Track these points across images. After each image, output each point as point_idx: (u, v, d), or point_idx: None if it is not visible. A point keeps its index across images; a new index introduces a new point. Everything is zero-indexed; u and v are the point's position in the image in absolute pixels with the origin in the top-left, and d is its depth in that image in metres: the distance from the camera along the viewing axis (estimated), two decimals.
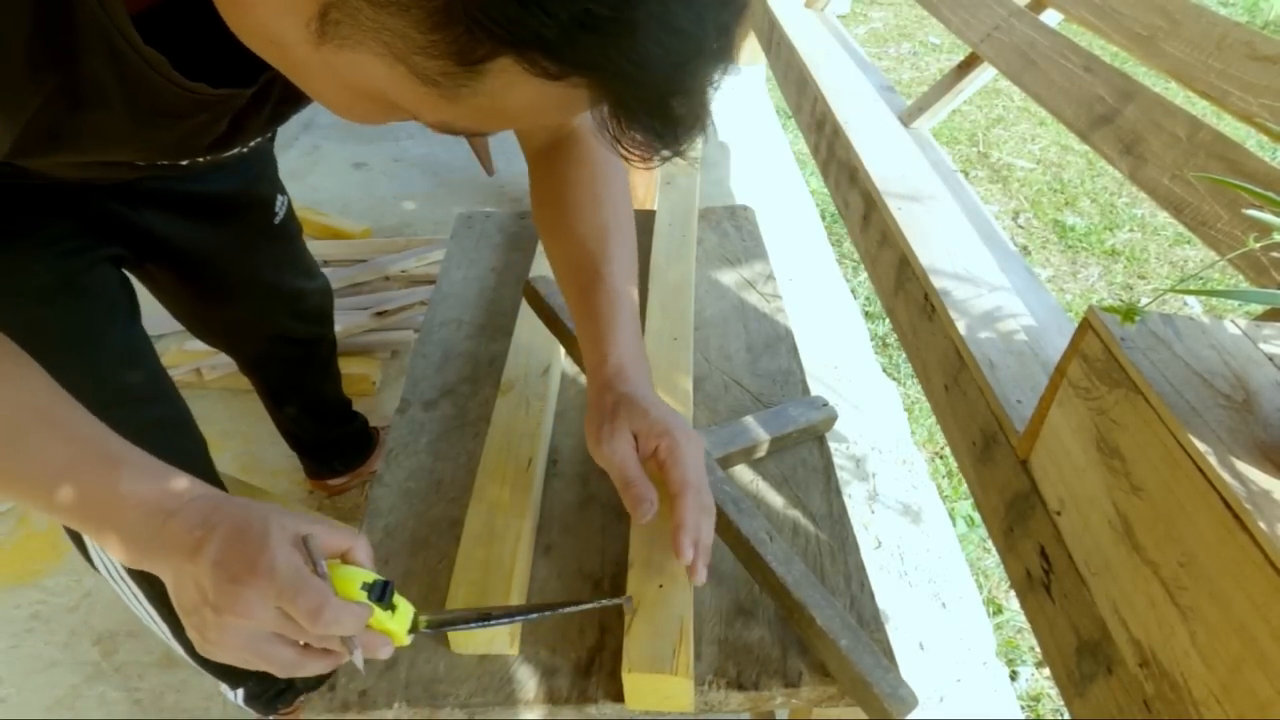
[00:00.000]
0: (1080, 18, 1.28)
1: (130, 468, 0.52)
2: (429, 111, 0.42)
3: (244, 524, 0.50)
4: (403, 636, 0.54)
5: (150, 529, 0.50)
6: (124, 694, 1.27)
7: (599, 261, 0.71)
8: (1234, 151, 0.93)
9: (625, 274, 0.72)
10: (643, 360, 0.70)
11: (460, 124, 0.44)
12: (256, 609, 0.47)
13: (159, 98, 0.54)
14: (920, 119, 1.67)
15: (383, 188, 2.64)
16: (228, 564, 0.48)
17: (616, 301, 0.70)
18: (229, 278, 1.06)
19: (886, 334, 2.18)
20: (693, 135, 0.44)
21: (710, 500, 0.63)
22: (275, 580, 0.47)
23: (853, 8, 4.69)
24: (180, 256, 0.98)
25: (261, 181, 1.04)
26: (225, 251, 1.02)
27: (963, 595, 1.47)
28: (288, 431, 1.48)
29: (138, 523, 0.50)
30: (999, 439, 0.90)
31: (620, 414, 0.63)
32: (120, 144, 0.59)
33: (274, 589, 0.47)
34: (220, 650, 0.49)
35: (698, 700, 0.63)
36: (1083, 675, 0.71)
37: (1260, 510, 0.50)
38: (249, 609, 0.47)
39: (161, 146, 0.62)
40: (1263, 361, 0.63)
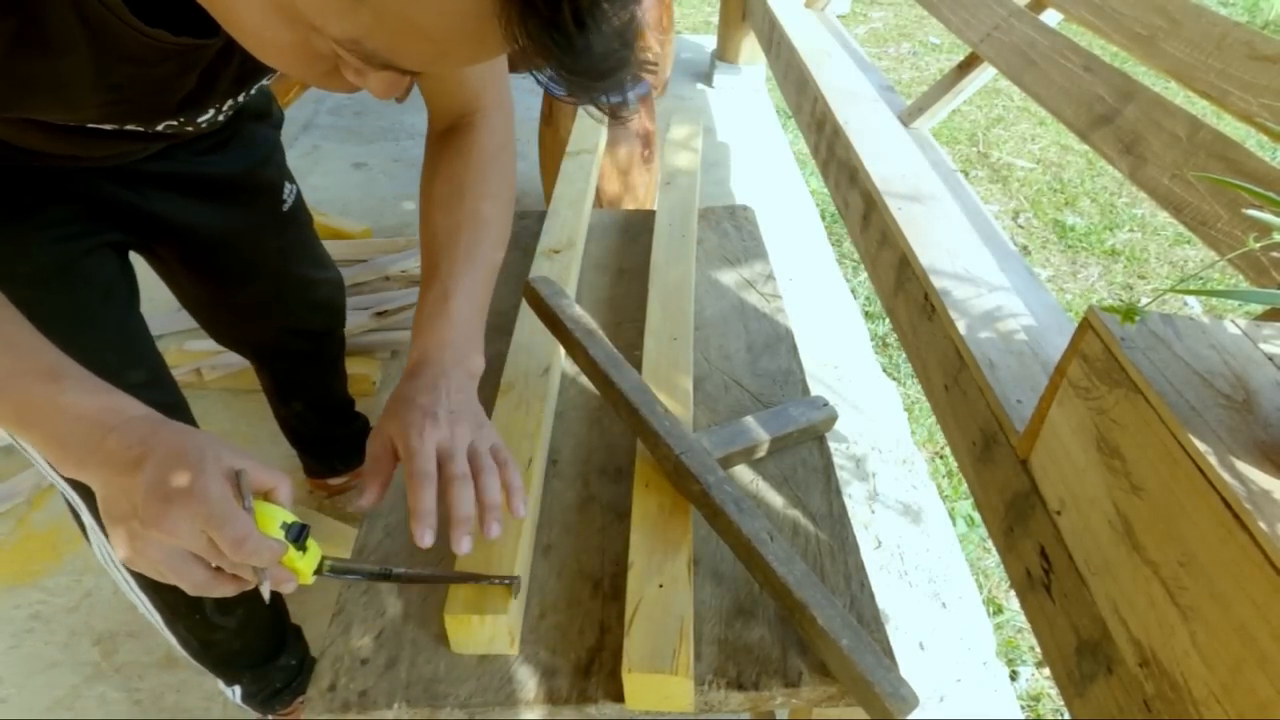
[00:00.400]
0: (1080, 18, 1.28)
1: (72, 381, 0.54)
2: (335, 21, 0.42)
3: (181, 448, 0.52)
4: (308, 576, 0.58)
5: (89, 442, 0.52)
6: (124, 694, 1.27)
7: (439, 259, 0.72)
8: (1234, 151, 0.93)
9: (466, 272, 0.72)
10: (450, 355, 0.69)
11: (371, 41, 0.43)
12: (182, 529, 0.50)
13: (120, 42, 0.54)
14: (920, 119, 1.67)
15: (383, 188, 2.64)
16: (161, 483, 0.50)
17: (443, 302, 0.70)
18: (237, 262, 1.05)
19: (886, 334, 2.18)
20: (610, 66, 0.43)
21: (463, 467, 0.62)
22: (206, 505, 0.50)
23: (853, 8, 4.70)
24: (187, 240, 0.98)
25: (268, 166, 1.04)
26: (233, 235, 1.01)
27: (963, 595, 1.47)
28: (290, 428, 1.47)
29: (77, 434, 0.52)
30: (999, 439, 0.90)
31: (388, 414, 0.66)
32: (91, 95, 0.59)
33: (203, 513, 0.50)
34: (141, 561, 0.52)
35: (698, 700, 0.63)
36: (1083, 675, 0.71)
37: (1260, 510, 0.50)
38: (175, 528, 0.50)
39: (132, 103, 0.62)
40: (1263, 361, 0.63)
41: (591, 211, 1.22)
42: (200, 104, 0.69)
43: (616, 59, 0.43)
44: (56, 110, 0.62)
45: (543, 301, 0.90)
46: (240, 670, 1.14)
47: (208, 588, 0.54)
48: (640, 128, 2.08)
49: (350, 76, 0.48)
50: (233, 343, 1.26)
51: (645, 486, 0.76)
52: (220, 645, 1.09)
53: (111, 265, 0.87)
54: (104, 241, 0.86)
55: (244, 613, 1.08)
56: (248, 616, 1.09)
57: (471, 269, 0.72)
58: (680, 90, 3.41)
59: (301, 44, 0.45)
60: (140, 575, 0.95)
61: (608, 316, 1.04)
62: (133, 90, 0.61)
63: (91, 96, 0.60)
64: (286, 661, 1.18)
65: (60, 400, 0.53)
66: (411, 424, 0.63)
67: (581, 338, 0.85)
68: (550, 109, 2.11)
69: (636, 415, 0.78)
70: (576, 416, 0.90)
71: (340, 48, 0.44)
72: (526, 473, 0.76)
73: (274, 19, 0.44)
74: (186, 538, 0.50)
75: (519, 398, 0.85)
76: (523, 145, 2.93)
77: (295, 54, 0.46)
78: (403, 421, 0.63)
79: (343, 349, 1.39)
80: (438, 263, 0.72)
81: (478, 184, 0.75)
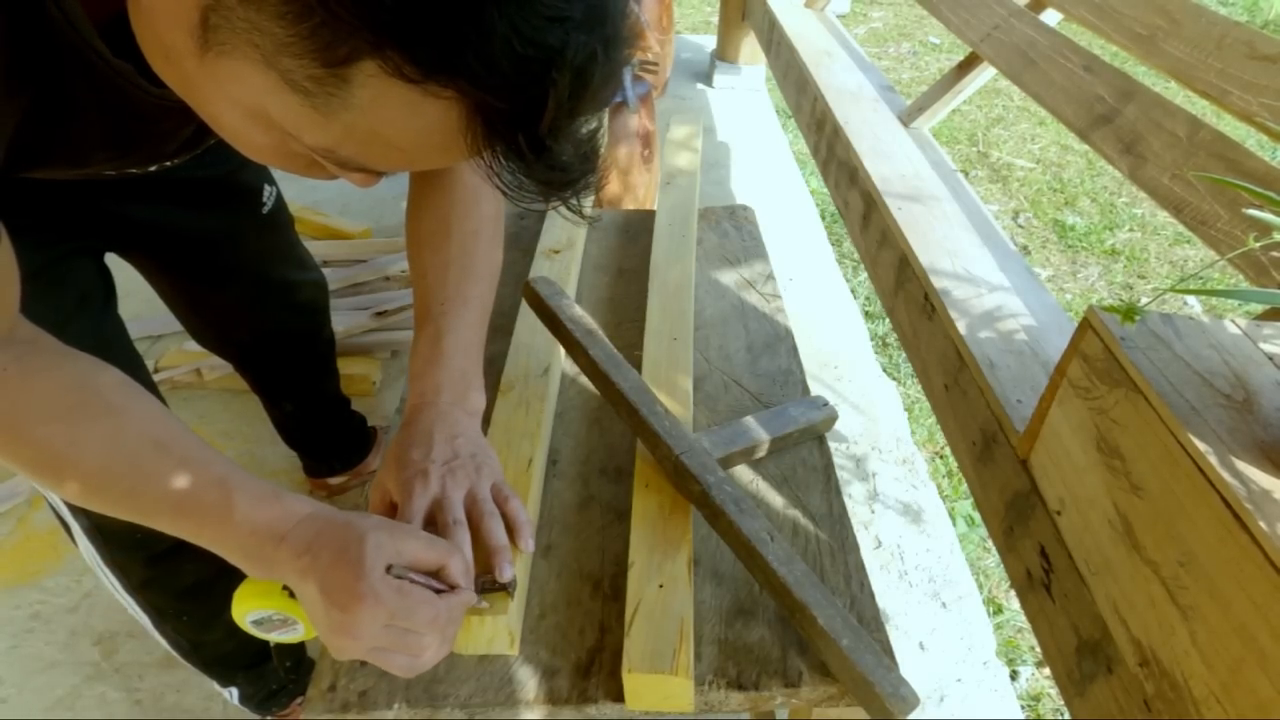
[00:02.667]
0: (1080, 17, 1.28)
1: (242, 493, 0.55)
2: (309, 132, 0.43)
3: (342, 546, 0.54)
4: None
5: (264, 553, 0.55)
6: (124, 694, 1.27)
7: (432, 300, 0.72)
8: (1234, 151, 0.93)
9: (458, 310, 0.72)
10: (449, 396, 0.70)
11: (343, 150, 0.44)
12: (365, 631, 0.52)
13: (131, 105, 0.56)
14: (920, 119, 1.67)
15: (383, 188, 2.61)
16: (332, 593, 0.52)
17: (436, 343, 0.71)
18: (217, 265, 1.05)
19: (886, 334, 2.18)
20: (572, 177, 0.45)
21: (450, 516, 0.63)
22: (381, 605, 0.52)
23: (853, 8, 4.70)
24: (166, 245, 0.98)
25: (245, 169, 1.03)
26: (211, 238, 1.01)
27: (963, 595, 1.47)
28: (284, 428, 1.47)
29: (253, 547, 0.55)
30: (999, 439, 0.90)
31: (387, 464, 0.67)
32: (99, 153, 0.60)
33: (383, 612, 0.52)
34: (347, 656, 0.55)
35: (698, 700, 0.63)
36: (1083, 675, 0.71)
37: (1260, 510, 0.50)
38: (359, 632, 0.52)
39: (136, 154, 0.64)
40: (1263, 361, 0.63)
41: (591, 211, 1.22)
42: (196, 146, 0.70)
43: (577, 171, 0.44)
44: (65, 169, 0.62)
45: (543, 301, 0.90)
46: (234, 671, 1.14)
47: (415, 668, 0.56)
48: (640, 128, 2.08)
49: (330, 170, 0.50)
50: (216, 345, 1.25)
51: (645, 486, 0.76)
52: (212, 646, 1.08)
53: (87, 269, 0.87)
54: (80, 246, 0.85)
55: None
56: None
57: (462, 307, 0.72)
58: (680, 90, 3.41)
59: (279, 145, 0.47)
60: (126, 580, 0.96)
61: (608, 316, 1.04)
62: (138, 144, 0.63)
63: (99, 154, 0.61)
64: (281, 662, 1.18)
65: (235, 516, 0.55)
66: (403, 483, 0.64)
67: (581, 338, 0.85)
68: None
69: (636, 415, 0.78)
70: (576, 416, 0.90)
71: (315, 154, 0.46)
72: (526, 473, 0.76)
73: (251, 123, 0.45)
74: (373, 638, 0.53)
75: (519, 398, 0.85)
76: None
77: (274, 153, 0.48)
78: (396, 480, 0.65)
79: (332, 348, 1.38)
80: (429, 303, 0.72)
81: (464, 220, 0.75)
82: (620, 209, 1.38)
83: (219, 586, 1.05)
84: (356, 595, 0.52)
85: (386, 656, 0.55)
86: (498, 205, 0.78)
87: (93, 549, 0.93)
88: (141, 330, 1.89)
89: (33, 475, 0.55)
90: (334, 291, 1.99)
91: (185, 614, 1.03)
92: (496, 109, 0.40)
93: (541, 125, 0.40)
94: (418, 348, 0.72)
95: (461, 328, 0.72)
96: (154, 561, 0.95)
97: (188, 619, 1.03)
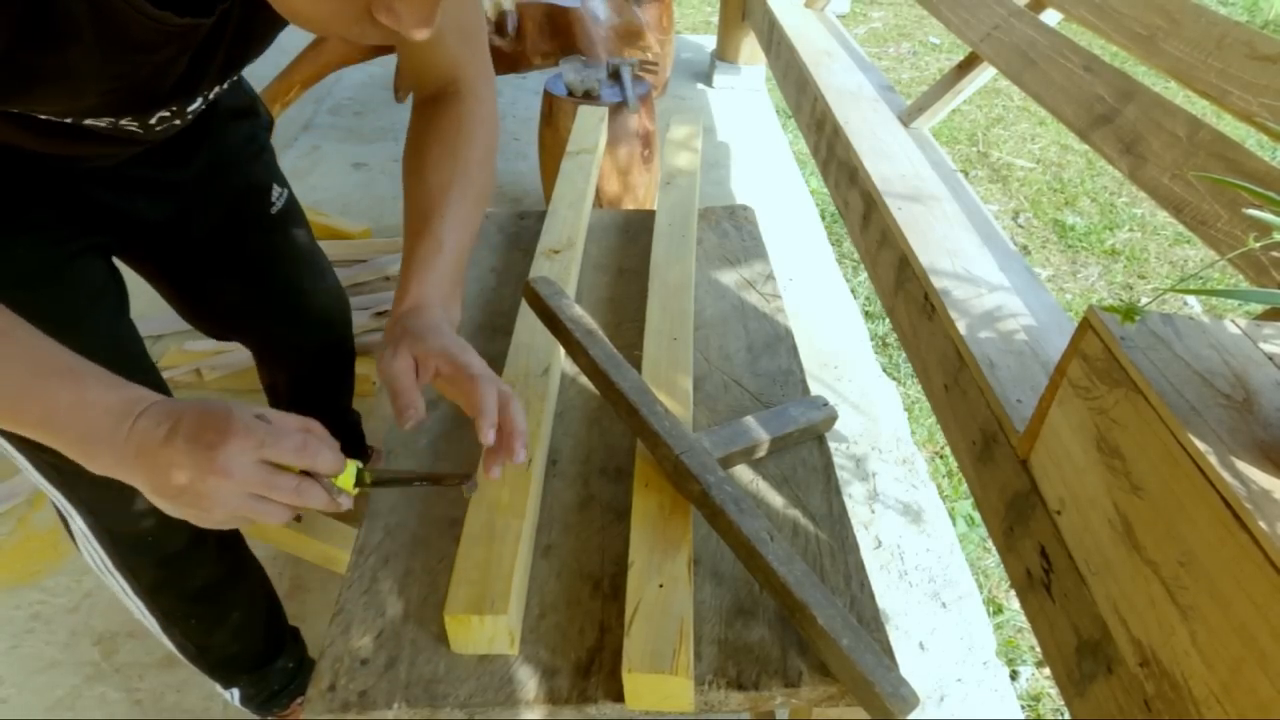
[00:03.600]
0: (1080, 17, 1.28)
1: (91, 378, 0.55)
2: None
3: (206, 408, 0.55)
4: (351, 488, 0.61)
5: (119, 431, 0.54)
6: (124, 694, 1.27)
7: (432, 213, 0.75)
8: (1234, 151, 0.93)
9: (455, 226, 0.76)
10: (442, 301, 0.73)
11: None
12: (236, 464, 0.52)
13: (128, 30, 0.55)
14: (920, 119, 1.67)
15: (383, 188, 2.64)
16: (201, 435, 0.53)
17: (437, 252, 0.74)
18: (215, 262, 1.03)
19: (886, 334, 2.18)
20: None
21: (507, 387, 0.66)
22: (252, 435, 0.53)
23: (853, 8, 4.70)
24: (170, 240, 0.97)
25: (254, 165, 1.02)
26: (213, 235, 0.99)
27: (963, 595, 1.47)
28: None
29: (107, 427, 0.54)
30: (999, 439, 0.90)
31: (404, 341, 0.67)
32: (94, 84, 0.60)
33: (252, 441, 0.53)
34: (215, 513, 0.54)
35: (698, 700, 0.63)
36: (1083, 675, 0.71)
37: (1260, 510, 0.50)
38: (229, 465, 0.52)
39: (131, 91, 0.63)
40: (1263, 361, 0.63)
41: (591, 211, 1.22)
42: (191, 90, 0.69)
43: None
44: (60, 101, 0.62)
45: (543, 301, 0.90)
46: (238, 673, 1.14)
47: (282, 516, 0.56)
48: (640, 128, 2.08)
49: (381, 16, 0.49)
50: (234, 339, 1.22)
51: (645, 486, 0.76)
52: (217, 649, 1.08)
53: (99, 269, 0.87)
54: (90, 245, 0.85)
55: (240, 616, 1.07)
56: (244, 620, 1.08)
57: (460, 226, 0.76)
58: (680, 90, 3.41)
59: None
60: (136, 582, 0.96)
61: (608, 316, 1.04)
62: (133, 77, 0.62)
63: (94, 85, 0.60)
64: (284, 664, 1.18)
65: (87, 397, 0.54)
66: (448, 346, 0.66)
67: (581, 338, 0.85)
68: (550, 109, 2.11)
69: (636, 415, 0.78)
70: (576, 416, 0.90)
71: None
72: (526, 473, 0.77)
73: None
74: (243, 473, 0.53)
75: (519, 398, 0.85)
76: (523, 145, 2.94)
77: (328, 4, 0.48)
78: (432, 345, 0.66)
79: (350, 366, 1.34)
80: (429, 216, 0.75)
81: (468, 147, 0.78)
82: (620, 209, 1.38)
83: (227, 590, 1.06)
84: (226, 430, 0.53)
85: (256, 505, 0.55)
86: (495, 140, 0.83)
87: (101, 551, 0.93)
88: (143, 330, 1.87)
89: None
90: None
91: (194, 617, 1.03)
92: None
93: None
94: (416, 252, 0.74)
95: (457, 245, 0.76)
96: (164, 563, 0.95)
97: (195, 622, 1.03)
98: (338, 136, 2.94)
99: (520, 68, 2.39)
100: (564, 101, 2.06)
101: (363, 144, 2.89)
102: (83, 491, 0.87)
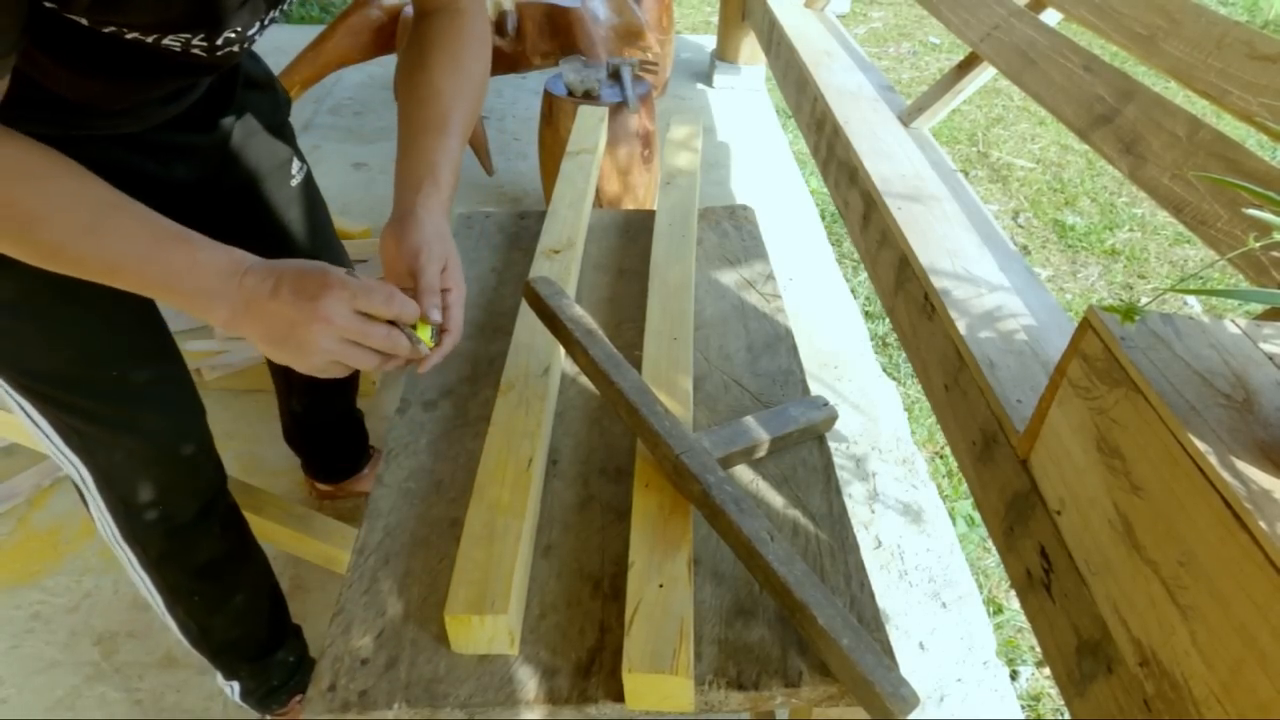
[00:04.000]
0: (1080, 17, 1.28)
1: (201, 243, 0.64)
2: None
3: (304, 266, 0.64)
4: (429, 340, 0.70)
5: (230, 285, 0.63)
6: (124, 694, 1.27)
7: (447, 114, 0.79)
8: (1234, 151, 0.93)
9: (462, 131, 0.81)
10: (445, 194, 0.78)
11: None
12: (335, 311, 0.62)
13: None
14: (920, 119, 1.67)
15: (383, 188, 2.64)
16: (303, 288, 0.62)
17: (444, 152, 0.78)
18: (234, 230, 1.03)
19: (886, 334, 2.18)
20: None
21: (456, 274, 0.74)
22: (346, 288, 0.62)
23: (853, 8, 4.70)
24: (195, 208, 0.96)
25: (276, 136, 1.05)
26: (233, 203, 1.01)
27: (963, 595, 1.47)
28: (287, 427, 1.47)
29: (218, 283, 0.63)
30: (999, 439, 0.90)
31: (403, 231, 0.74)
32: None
33: (347, 294, 0.62)
34: (315, 358, 0.64)
35: (698, 700, 0.63)
36: (1083, 675, 0.71)
37: (1260, 510, 0.50)
38: (329, 312, 0.62)
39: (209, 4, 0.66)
40: (1263, 361, 0.63)
41: (591, 211, 1.22)
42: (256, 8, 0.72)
43: None
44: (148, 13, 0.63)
45: (543, 301, 0.90)
46: (239, 662, 1.14)
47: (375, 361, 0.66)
48: (640, 128, 2.08)
49: None
50: None
51: (645, 486, 0.76)
52: (219, 631, 1.09)
53: None
54: None
55: (243, 600, 1.08)
56: (248, 603, 1.09)
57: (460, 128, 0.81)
58: (680, 90, 3.41)
59: None
60: (144, 554, 0.98)
61: (608, 316, 1.04)
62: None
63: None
64: (284, 657, 1.18)
65: (199, 258, 0.63)
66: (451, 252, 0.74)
67: (581, 338, 0.85)
68: (550, 109, 2.11)
69: (636, 415, 0.78)
70: (576, 416, 0.90)
71: None
72: (526, 473, 0.77)
73: None
74: (341, 320, 0.62)
75: (519, 398, 0.85)
76: (523, 145, 2.94)
77: None
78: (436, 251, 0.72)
79: None
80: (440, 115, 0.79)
81: (473, 59, 0.84)
82: (620, 209, 1.38)
83: (231, 569, 1.07)
84: (325, 282, 0.62)
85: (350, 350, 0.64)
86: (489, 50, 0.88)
87: (112, 523, 0.95)
88: None
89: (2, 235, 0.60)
90: None
91: (198, 594, 1.04)
92: None
93: None
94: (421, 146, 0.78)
95: (457, 146, 0.80)
96: (173, 534, 0.97)
97: (199, 599, 1.04)
98: (338, 136, 2.94)
99: (520, 68, 2.39)
100: (564, 101, 2.06)
101: (363, 144, 2.89)
102: (100, 458, 0.90)
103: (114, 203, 0.63)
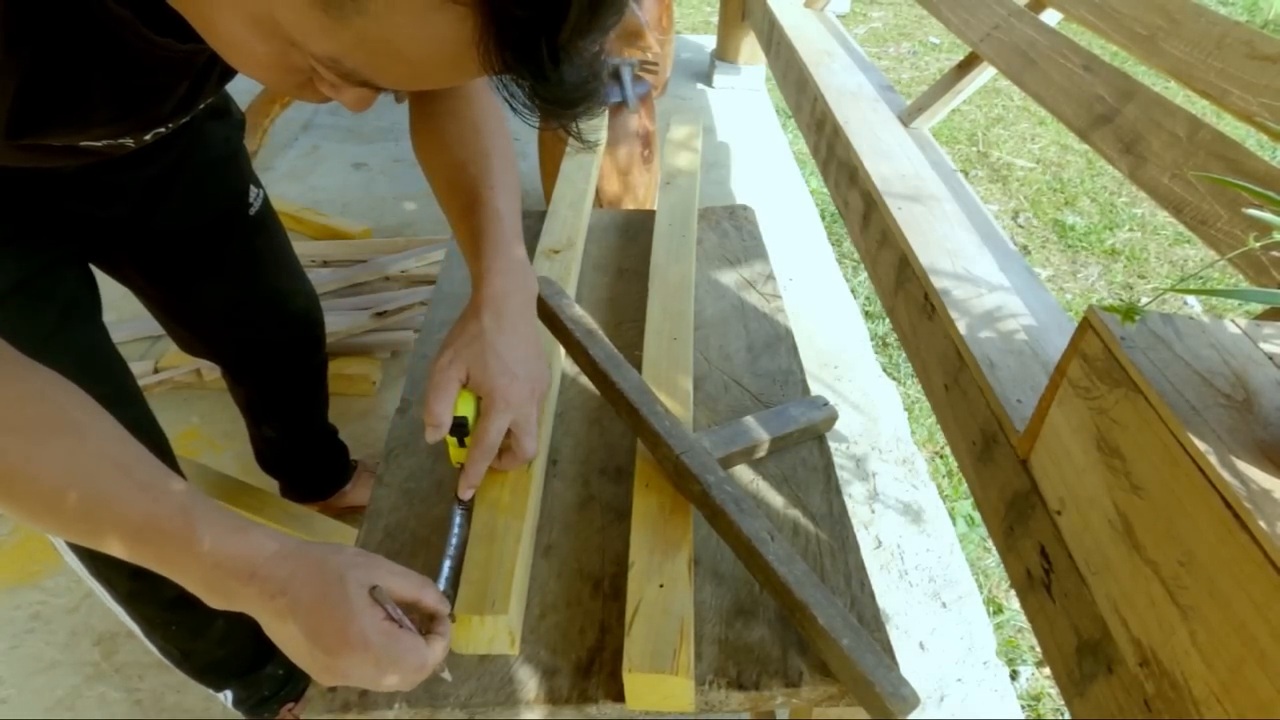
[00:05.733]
0: (1080, 17, 1.28)
1: (206, 524, 0.53)
2: (316, 39, 0.42)
3: (323, 589, 0.53)
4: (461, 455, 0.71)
5: (231, 588, 0.53)
6: (124, 694, 1.27)
7: (480, 185, 0.74)
8: (1234, 151, 0.93)
9: (508, 196, 0.75)
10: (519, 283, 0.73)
11: (349, 60, 0.43)
12: (356, 675, 0.53)
13: (132, 57, 0.55)
14: (920, 119, 1.67)
15: (383, 188, 2.64)
16: (320, 637, 0.52)
17: (499, 223, 0.73)
18: (196, 264, 1.01)
19: (886, 334, 2.18)
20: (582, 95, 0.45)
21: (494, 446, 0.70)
22: (370, 652, 0.52)
23: (853, 8, 4.69)
24: (150, 247, 0.95)
25: (231, 166, 1.00)
26: (191, 236, 0.98)
27: (963, 595, 1.47)
28: (260, 453, 1.41)
29: (217, 581, 0.53)
30: (999, 439, 0.90)
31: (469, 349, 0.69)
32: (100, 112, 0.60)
33: (370, 659, 0.53)
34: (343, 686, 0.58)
35: (698, 700, 0.63)
36: (1083, 675, 0.71)
37: (1260, 510, 0.50)
38: (349, 676, 0.53)
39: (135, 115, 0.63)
40: (1263, 361, 0.63)
41: (591, 211, 1.22)
42: (189, 108, 0.69)
43: (586, 90, 0.45)
44: (69, 133, 0.61)
45: (543, 301, 0.90)
46: (226, 678, 1.14)
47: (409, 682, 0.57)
48: (640, 128, 2.08)
49: (325, 90, 0.49)
50: (206, 355, 1.20)
51: (645, 486, 0.76)
52: (201, 654, 1.08)
53: (70, 280, 0.84)
54: (62, 256, 0.83)
55: (224, 624, 1.06)
56: (229, 626, 1.07)
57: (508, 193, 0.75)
58: (680, 90, 3.41)
59: (279, 57, 0.45)
60: (114, 591, 0.96)
61: (608, 316, 1.04)
62: (138, 102, 0.62)
63: (100, 114, 0.60)
64: (274, 670, 1.17)
65: (199, 549, 0.53)
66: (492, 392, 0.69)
67: (581, 338, 0.85)
68: None
69: (636, 415, 0.78)
70: (576, 416, 0.90)
71: (319, 64, 0.45)
72: (526, 473, 0.77)
73: (253, 31, 0.44)
74: (364, 680, 0.54)
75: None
76: (522, 145, 2.94)
77: (272, 66, 0.47)
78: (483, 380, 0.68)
79: (323, 375, 1.33)
80: (477, 187, 0.74)
81: (494, 133, 0.78)
82: (620, 209, 1.38)
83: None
84: (345, 641, 0.52)
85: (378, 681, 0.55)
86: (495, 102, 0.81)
87: (78, 561, 0.93)
88: (141, 330, 1.89)
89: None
90: (334, 291, 2.00)
91: (174, 623, 1.02)
92: (515, 17, 0.39)
93: (561, 34, 0.40)
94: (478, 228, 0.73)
95: (513, 213, 0.75)
96: (137, 575, 0.93)
97: (176, 628, 1.03)
98: (338, 136, 2.93)
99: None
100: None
101: (363, 144, 2.89)
102: None
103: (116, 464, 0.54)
